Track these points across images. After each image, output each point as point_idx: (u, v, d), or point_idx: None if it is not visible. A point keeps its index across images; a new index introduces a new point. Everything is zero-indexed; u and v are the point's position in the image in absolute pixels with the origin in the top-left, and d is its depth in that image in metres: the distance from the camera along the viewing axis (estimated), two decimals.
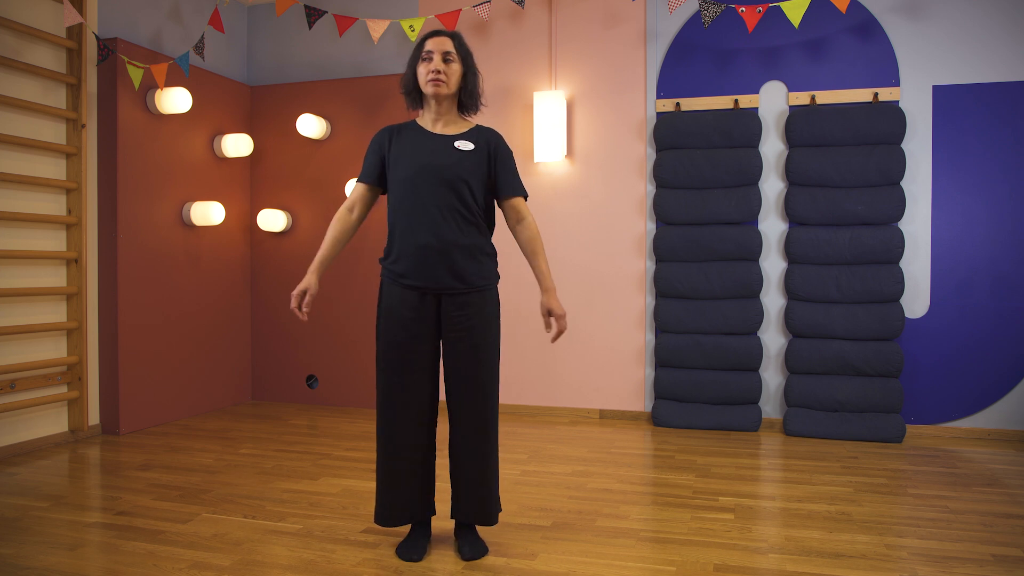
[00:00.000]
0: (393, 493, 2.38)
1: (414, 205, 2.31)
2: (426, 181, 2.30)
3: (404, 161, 2.34)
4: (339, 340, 4.93)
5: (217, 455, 3.70)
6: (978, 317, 4.08)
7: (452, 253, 2.30)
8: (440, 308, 2.35)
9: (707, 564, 2.35)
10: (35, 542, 2.53)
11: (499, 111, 4.75)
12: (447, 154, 2.34)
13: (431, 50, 2.32)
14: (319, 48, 5.12)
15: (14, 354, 3.69)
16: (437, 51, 2.32)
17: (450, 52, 2.33)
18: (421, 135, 2.38)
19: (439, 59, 2.31)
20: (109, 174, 4.10)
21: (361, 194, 2.45)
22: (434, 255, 2.29)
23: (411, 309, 2.32)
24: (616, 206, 4.55)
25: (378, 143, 2.42)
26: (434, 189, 2.30)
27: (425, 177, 2.31)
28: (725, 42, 4.38)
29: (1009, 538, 2.58)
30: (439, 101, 2.37)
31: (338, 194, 4.88)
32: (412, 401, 2.35)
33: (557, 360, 4.67)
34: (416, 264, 2.30)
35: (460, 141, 2.37)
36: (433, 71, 2.31)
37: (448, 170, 2.31)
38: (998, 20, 4.04)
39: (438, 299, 2.35)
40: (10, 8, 3.64)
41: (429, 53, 2.33)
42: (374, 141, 2.43)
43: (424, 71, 2.33)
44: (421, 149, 2.35)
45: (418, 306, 2.32)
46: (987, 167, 4.06)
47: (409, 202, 2.32)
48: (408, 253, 2.32)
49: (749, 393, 4.24)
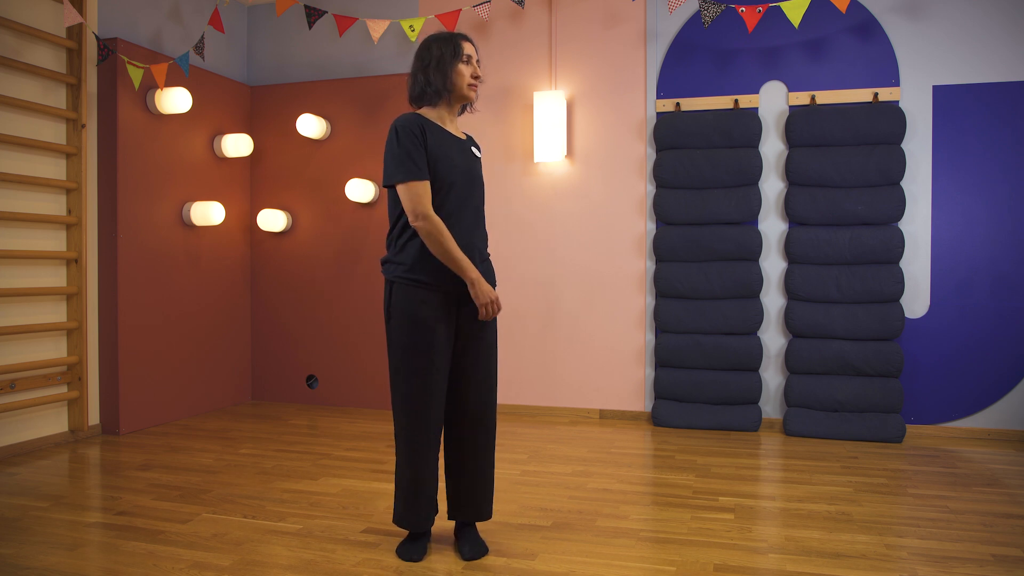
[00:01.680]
0: (423, 495, 2.38)
1: (452, 208, 2.30)
2: (464, 184, 2.34)
3: (444, 162, 2.29)
4: (339, 340, 4.93)
5: (217, 455, 3.70)
6: (978, 317, 4.07)
7: (478, 254, 2.37)
8: (459, 309, 2.37)
9: (707, 564, 2.35)
10: (35, 542, 2.53)
11: (499, 111, 4.74)
12: (473, 158, 2.41)
13: (471, 55, 2.36)
14: (319, 48, 5.12)
15: (14, 354, 3.69)
16: (475, 57, 2.37)
17: (478, 58, 2.41)
18: (447, 136, 2.36)
19: (476, 65, 2.37)
20: (109, 174, 4.10)
21: (428, 192, 2.25)
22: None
23: (434, 310, 2.31)
24: (616, 206, 4.55)
25: (416, 136, 2.25)
26: (470, 192, 2.35)
27: (464, 180, 2.34)
28: (725, 42, 4.38)
29: (1009, 538, 2.58)
30: (462, 104, 2.42)
31: (338, 194, 4.88)
32: (435, 402, 2.34)
33: (557, 360, 4.67)
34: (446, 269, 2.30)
35: (472, 147, 2.45)
36: (475, 76, 2.36)
37: (479, 175, 2.42)
38: (998, 20, 4.04)
39: (458, 300, 2.36)
40: (10, 8, 3.64)
41: (470, 57, 2.35)
42: (410, 134, 2.24)
43: (467, 73, 2.34)
44: (454, 151, 2.35)
45: (441, 308, 2.32)
46: (987, 167, 4.06)
47: (451, 205, 2.30)
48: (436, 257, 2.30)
49: (749, 393, 4.24)
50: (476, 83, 2.37)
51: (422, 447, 2.34)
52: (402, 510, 2.39)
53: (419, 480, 2.36)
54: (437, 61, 2.33)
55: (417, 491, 2.37)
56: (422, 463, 2.35)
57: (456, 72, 2.33)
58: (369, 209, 4.84)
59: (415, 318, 2.30)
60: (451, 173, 2.30)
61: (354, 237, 4.88)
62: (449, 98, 2.37)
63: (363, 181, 4.71)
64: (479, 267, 2.37)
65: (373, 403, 4.86)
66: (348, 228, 4.89)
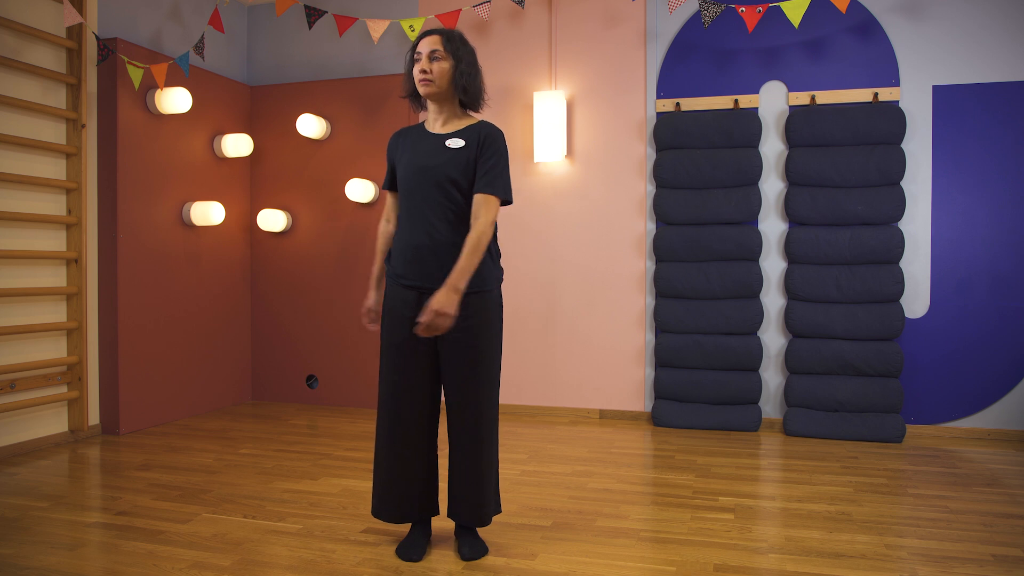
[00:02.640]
0: (387, 488, 2.39)
1: (409, 206, 2.35)
2: (418, 183, 2.33)
3: (402, 164, 2.39)
4: (339, 340, 4.93)
5: (217, 455, 3.70)
6: (978, 317, 4.07)
7: (446, 252, 2.28)
8: None
9: (707, 564, 2.35)
10: (35, 542, 2.53)
11: (499, 111, 4.75)
12: (437, 154, 2.33)
13: (420, 51, 2.33)
14: (319, 48, 5.12)
15: (14, 354, 3.69)
16: (425, 51, 2.32)
17: (436, 50, 2.30)
18: (420, 137, 2.40)
19: (426, 59, 2.31)
20: (109, 174, 4.10)
21: (391, 202, 2.52)
22: (427, 254, 2.30)
23: (409, 308, 2.32)
24: (616, 206, 4.55)
25: (390, 148, 2.48)
26: (425, 190, 2.31)
27: (417, 179, 2.33)
28: (725, 42, 4.38)
29: (1009, 538, 2.58)
30: (434, 100, 2.38)
31: (338, 194, 4.88)
32: (411, 400, 2.35)
33: (557, 360, 4.67)
34: (411, 264, 2.32)
35: (452, 139, 2.34)
36: (420, 71, 2.31)
37: (436, 171, 2.30)
38: (998, 20, 4.04)
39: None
40: (10, 8, 3.64)
41: (419, 54, 2.33)
42: (388, 147, 2.50)
43: (415, 72, 2.34)
44: (416, 151, 2.37)
45: (415, 305, 2.31)
46: (987, 167, 4.06)
47: (405, 203, 2.37)
48: (404, 253, 2.34)
49: (749, 393, 4.24)
50: (424, 77, 2.30)
51: (394, 443, 2.36)
52: (376, 502, 2.43)
53: (391, 474, 2.38)
54: (406, 68, 2.40)
55: (388, 485, 2.39)
56: (393, 459, 2.37)
57: (412, 74, 2.36)
58: (369, 209, 4.84)
59: (393, 315, 2.36)
60: (403, 173, 2.38)
61: (354, 237, 4.88)
62: (421, 99, 2.42)
63: (363, 181, 4.71)
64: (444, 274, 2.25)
65: (373, 403, 4.86)
66: (348, 228, 4.89)
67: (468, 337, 2.31)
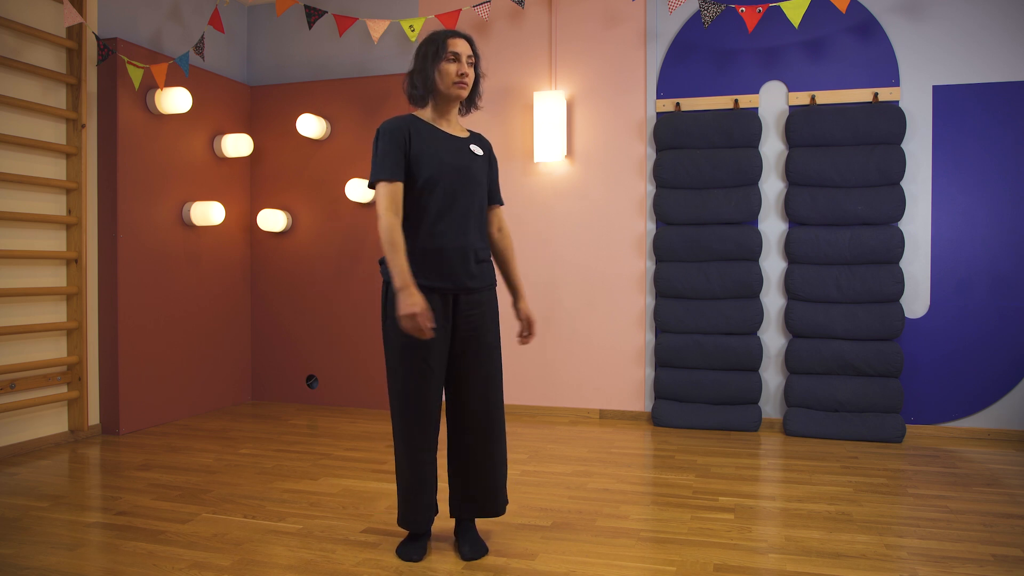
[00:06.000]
0: (423, 495, 2.38)
1: (447, 207, 2.30)
2: (462, 184, 2.32)
3: (430, 160, 2.29)
4: (339, 340, 4.93)
5: (217, 455, 3.70)
6: (978, 317, 4.07)
7: (473, 254, 2.35)
8: (455, 308, 2.35)
9: (707, 564, 2.35)
10: (35, 542, 2.53)
11: (499, 111, 4.75)
12: (469, 157, 2.36)
13: (458, 52, 2.31)
14: (319, 48, 5.12)
15: (14, 354, 3.69)
16: (463, 54, 2.32)
17: (471, 56, 2.35)
18: (439, 134, 2.36)
19: (465, 62, 2.33)
20: (109, 174, 4.10)
21: (399, 194, 2.28)
22: (459, 256, 2.31)
23: (437, 311, 2.30)
24: (616, 206, 4.55)
25: (398, 138, 2.28)
26: (469, 191, 2.33)
27: (456, 179, 2.31)
28: (725, 42, 4.38)
29: (1009, 538, 2.58)
30: (454, 102, 2.38)
31: (338, 194, 4.88)
32: (432, 402, 2.35)
33: (557, 360, 4.67)
34: (441, 265, 2.29)
35: (473, 145, 2.41)
36: (461, 74, 2.31)
37: (478, 174, 2.37)
38: (998, 20, 4.04)
39: (454, 299, 2.35)
40: (10, 8, 3.64)
41: (456, 55, 2.31)
42: (390, 136, 2.28)
43: (452, 71, 2.30)
44: (445, 149, 2.33)
45: (436, 307, 2.30)
46: (987, 167, 4.06)
47: (441, 204, 2.29)
48: (432, 254, 2.29)
49: (749, 393, 4.24)
50: (462, 80, 2.31)
51: (420, 448, 2.35)
52: (404, 511, 2.40)
53: (420, 481, 2.37)
54: (421, 63, 2.36)
55: (418, 492, 2.37)
56: (421, 464, 2.36)
57: (439, 72, 2.32)
58: (369, 209, 4.84)
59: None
60: (437, 171, 2.28)
61: (354, 237, 4.88)
62: (436, 98, 2.37)
63: (363, 181, 4.71)
64: (474, 268, 2.35)
65: (373, 403, 4.86)
66: (348, 228, 4.89)
67: (482, 333, 2.38)
